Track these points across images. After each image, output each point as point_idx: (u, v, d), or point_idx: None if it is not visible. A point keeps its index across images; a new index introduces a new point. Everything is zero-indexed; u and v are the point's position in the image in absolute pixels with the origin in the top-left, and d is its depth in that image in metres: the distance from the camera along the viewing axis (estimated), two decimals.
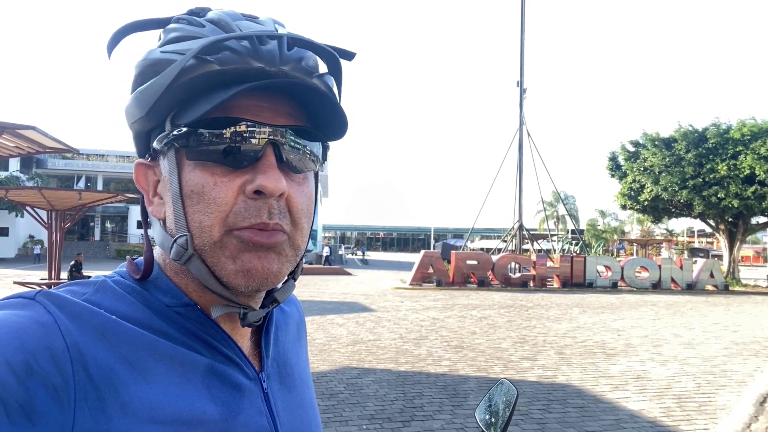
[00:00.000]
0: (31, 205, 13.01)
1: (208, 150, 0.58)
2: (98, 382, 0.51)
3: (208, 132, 0.58)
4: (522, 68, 24.90)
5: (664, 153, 24.66)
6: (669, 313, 14.28)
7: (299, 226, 0.62)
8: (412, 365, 7.64)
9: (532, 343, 9.49)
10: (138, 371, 0.54)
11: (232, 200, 0.57)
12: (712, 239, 52.83)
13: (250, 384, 0.64)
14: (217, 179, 0.58)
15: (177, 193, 0.59)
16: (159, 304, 0.60)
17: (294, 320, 0.83)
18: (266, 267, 0.59)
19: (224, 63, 0.57)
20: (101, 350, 0.52)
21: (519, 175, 24.88)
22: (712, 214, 25.09)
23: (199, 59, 0.57)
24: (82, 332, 0.52)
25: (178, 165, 0.60)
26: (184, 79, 0.57)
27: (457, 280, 20.32)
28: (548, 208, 44.67)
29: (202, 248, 0.59)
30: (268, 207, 0.58)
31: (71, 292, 0.58)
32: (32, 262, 34.46)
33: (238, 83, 0.57)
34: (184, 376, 0.57)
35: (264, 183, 0.56)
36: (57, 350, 0.49)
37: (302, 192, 0.62)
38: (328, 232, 78.18)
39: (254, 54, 0.58)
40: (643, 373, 7.47)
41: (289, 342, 0.78)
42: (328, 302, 14.89)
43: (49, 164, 46.18)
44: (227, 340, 0.63)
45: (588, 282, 20.94)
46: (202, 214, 0.58)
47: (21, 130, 7.67)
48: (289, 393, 0.71)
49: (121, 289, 0.60)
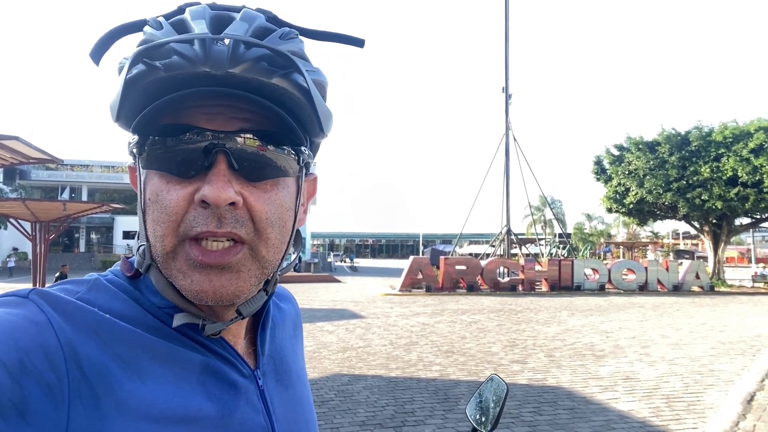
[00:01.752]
0: (15, 216, 12.86)
1: (160, 158, 0.57)
2: (93, 379, 0.50)
3: (158, 140, 0.56)
4: (507, 74, 25.11)
5: (648, 156, 24.97)
6: (656, 314, 14.41)
7: (264, 235, 0.58)
8: (403, 371, 7.62)
9: (522, 346, 9.52)
10: (133, 369, 0.53)
11: (183, 209, 0.55)
12: (697, 241, 53.44)
13: (245, 382, 0.63)
14: (170, 187, 0.56)
15: (141, 201, 0.59)
16: (150, 304, 0.60)
17: (290, 317, 0.83)
18: (218, 290, 0.56)
19: (170, 69, 0.55)
20: (95, 348, 0.52)
21: (506, 180, 25.01)
22: (697, 215, 25.43)
23: (148, 66, 0.56)
24: (75, 330, 0.52)
25: (146, 172, 0.59)
26: (139, 85, 0.56)
27: (447, 286, 20.34)
28: (535, 212, 44.98)
29: (157, 258, 0.58)
30: (218, 216, 0.55)
31: (65, 290, 0.58)
32: (7, 275, 33.62)
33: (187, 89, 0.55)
34: (180, 374, 0.57)
35: (207, 192, 0.54)
36: (51, 348, 0.49)
37: (268, 199, 0.59)
38: (316, 240, 77.98)
39: (203, 57, 0.55)
40: (632, 374, 7.52)
41: (286, 339, 0.78)
42: (318, 309, 14.82)
43: (32, 175, 45.66)
44: (219, 340, 0.63)
45: (576, 285, 21.08)
46: (156, 223, 0.57)
47: (4, 141, 7.58)
48: (286, 390, 0.71)
49: (114, 287, 0.60)
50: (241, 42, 0.56)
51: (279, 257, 0.62)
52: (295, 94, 0.59)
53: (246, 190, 0.57)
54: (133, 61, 0.56)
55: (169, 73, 0.55)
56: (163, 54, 0.56)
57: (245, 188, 0.57)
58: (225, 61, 0.55)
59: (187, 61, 0.55)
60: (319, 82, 0.64)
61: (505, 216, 24.71)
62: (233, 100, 0.57)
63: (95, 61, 0.60)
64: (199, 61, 0.55)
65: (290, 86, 0.58)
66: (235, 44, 0.56)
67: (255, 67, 0.56)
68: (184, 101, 0.56)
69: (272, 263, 0.61)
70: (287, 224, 0.61)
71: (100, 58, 0.60)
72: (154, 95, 0.56)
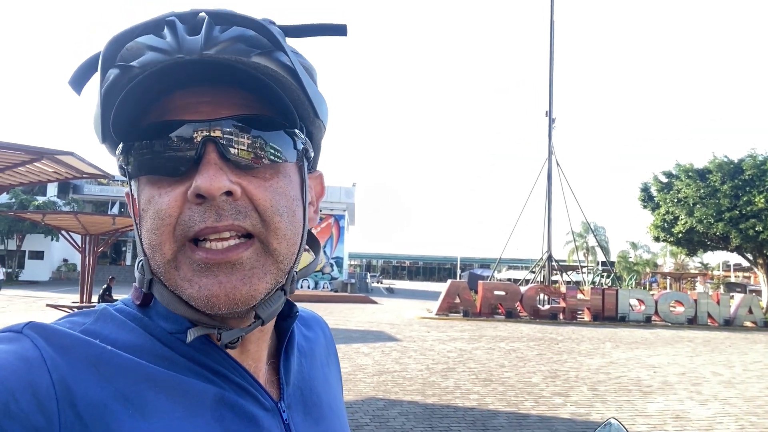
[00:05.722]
0: (67, 229, 13.35)
1: (147, 162, 0.52)
2: (88, 420, 0.45)
3: (144, 144, 0.52)
4: (551, 98, 24.85)
5: (698, 184, 24.16)
6: (707, 349, 13.73)
7: (272, 226, 0.53)
8: (440, 398, 7.45)
9: (564, 378, 9.19)
10: (135, 406, 0.48)
11: (177, 210, 0.51)
12: (750, 274, 51.05)
13: (266, 415, 0.57)
14: (162, 191, 0.52)
15: (135, 215, 0.55)
16: (160, 331, 0.55)
17: (320, 345, 0.77)
18: (230, 293, 0.51)
19: (145, 66, 0.51)
20: (93, 385, 0.47)
21: (548, 205, 24.58)
22: (750, 247, 24.33)
23: (122, 68, 0.52)
24: (71, 366, 0.47)
25: (138, 185, 0.55)
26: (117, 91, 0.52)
27: (485, 311, 19.96)
28: (578, 239, 43.90)
29: (157, 270, 0.53)
30: (216, 208, 0.50)
31: (70, 322, 0.54)
32: (55, 285, 34.74)
33: (168, 82, 0.52)
34: (191, 409, 0.51)
35: (199, 183, 0.49)
36: (40, 387, 0.44)
37: (270, 188, 0.54)
38: (353, 260, 78.33)
39: (176, 46, 0.51)
40: (682, 412, 7.14)
41: (317, 368, 0.71)
42: (354, 330, 14.75)
43: (85, 190, 47.57)
44: (236, 367, 0.57)
45: (620, 316, 20.34)
46: (151, 232, 0.52)
47: (60, 156, 7.89)
48: (317, 425, 0.64)
49: (123, 316, 0.56)
50: (215, 26, 0.53)
51: (294, 250, 0.56)
52: (279, 73, 0.54)
53: (244, 180, 0.52)
54: (104, 66, 0.52)
55: (144, 71, 0.51)
56: (137, 53, 0.52)
57: (242, 177, 0.53)
58: (199, 44, 0.51)
59: (161, 53, 0.51)
60: (307, 65, 0.59)
61: (546, 241, 24.23)
62: (216, 86, 0.53)
63: (76, 90, 0.55)
64: (174, 51, 0.51)
65: (274, 65, 0.54)
66: (209, 26, 0.52)
67: (232, 47, 0.52)
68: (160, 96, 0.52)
69: (287, 257, 0.55)
70: (296, 214, 0.57)
71: (82, 87, 0.55)
72: (136, 99, 0.52)
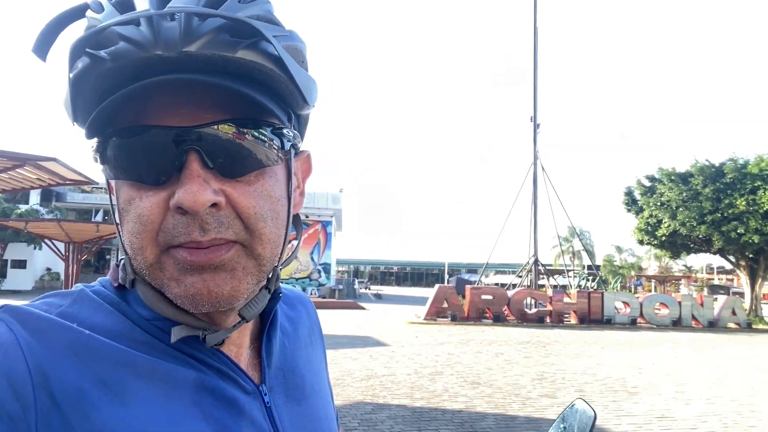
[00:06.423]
0: (50, 237, 13.22)
1: (124, 167, 0.50)
2: (65, 407, 0.45)
3: (120, 145, 0.49)
4: (535, 103, 25.07)
5: (680, 188, 24.49)
6: (691, 350, 13.88)
7: (257, 233, 0.52)
8: (428, 401, 7.44)
9: (551, 380, 9.24)
10: (114, 392, 0.48)
11: (159, 217, 0.49)
12: (733, 276, 51.78)
13: (247, 398, 0.57)
14: (142, 194, 0.50)
15: (114, 210, 0.54)
16: (138, 317, 0.55)
17: (304, 324, 0.76)
18: (213, 290, 0.50)
19: (117, 58, 0.47)
20: (70, 370, 0.47)
21: (534, 209, 24.75)
22: (732, 249, 24.67)
23: (92, 57, 0.48)
24: (48, 351, 0.46)
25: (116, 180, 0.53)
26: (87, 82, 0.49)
27: (472, 315, 20.01)
28: (564, 243, 44.27)
29: (140, 270, 0.52)
30: (199, 222, 0.49)
31: (47, 304, 0.53)
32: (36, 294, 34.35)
33: (143, 78, 0.47)
34: (170, 394, 0.51)
35: (181, 197, 0.47)
36: (15, 374, 0.44)
37: (254, 193, 0.52)
38: (341, 267, 78.10)
39: (152, 39, 0.46)
40: (667, 412, 7.21)
41: (300, 348, 0.71)
42: (342, 336, 14.69)
43: (68, 198, 46.97)
44: (216, 353, 0.57)
45: (606, 318, 20.50)
46: (132, 235, 0.51)
47: (42, 162, 7.82)
48: (298, 405, 0.64)
49: (101, 299, 0.55)
50: (193, 15, 0.47)
51: (277, 252, 0.56)
52: (266, 66, 0.50)
53: (228, 186, 0.51)
54: (73, 54, 0.48)
55: (116, 63, 0.47)
56: (108, 41, 0.48)
57: (226, 184, 0.51)
58: (178, 39, 0.46)
59: (135, 45, 0.47)
60: (293, 47, 0.55)
61: (533, 246, 24.37)
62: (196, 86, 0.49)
63: (41, 56, 0.50)
64: (149, 44, 0.46)
65: (259, 57, 0.50)
66: (188, 17, 0.47)
67: (214, 41, 0.48)
68: (133, 97, 0.47)
69: (270, 259, 0.55)
70: (281, 215, 0.55)
71: (46, 53, 0.51)
72: (107, 91, 0.48)
